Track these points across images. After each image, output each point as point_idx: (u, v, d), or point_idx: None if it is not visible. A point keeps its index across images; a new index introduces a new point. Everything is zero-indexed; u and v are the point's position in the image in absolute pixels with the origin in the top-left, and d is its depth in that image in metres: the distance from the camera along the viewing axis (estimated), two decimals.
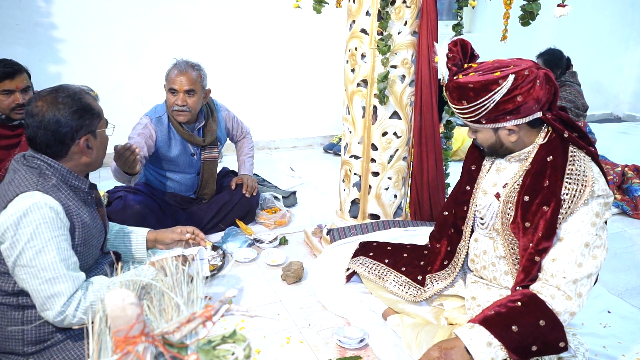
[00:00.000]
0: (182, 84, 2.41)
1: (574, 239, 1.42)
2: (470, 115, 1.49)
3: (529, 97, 1.41)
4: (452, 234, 1.81)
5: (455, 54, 1.54)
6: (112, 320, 0.70)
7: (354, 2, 2.20)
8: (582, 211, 1.42)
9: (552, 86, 1.46)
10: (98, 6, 3.67)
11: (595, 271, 1.43)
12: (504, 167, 1.62)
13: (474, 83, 1.43)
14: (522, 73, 1.39)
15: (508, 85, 1.39)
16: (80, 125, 1.49)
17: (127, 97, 3.74)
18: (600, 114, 6.25)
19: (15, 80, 2.19)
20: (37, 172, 1.45)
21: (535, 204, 1.46)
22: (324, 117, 4.78)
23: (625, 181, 3.40)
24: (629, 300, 2.21)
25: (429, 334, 1.70)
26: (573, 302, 1.40)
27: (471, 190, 1.72)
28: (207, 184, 2.73)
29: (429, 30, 2.16)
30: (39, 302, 1.38)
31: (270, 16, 4.24)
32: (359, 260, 1.99)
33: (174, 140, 2.56)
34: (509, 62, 1.46)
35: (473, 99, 1.44)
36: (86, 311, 1.42)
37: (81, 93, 1.53)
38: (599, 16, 5.72)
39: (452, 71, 1.52)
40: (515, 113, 1.44)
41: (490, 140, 1.54)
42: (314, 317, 2.01)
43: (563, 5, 1.96)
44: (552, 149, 1.48)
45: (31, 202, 1.37)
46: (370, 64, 2.20)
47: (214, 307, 0.85)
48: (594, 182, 1.42)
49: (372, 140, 2.30)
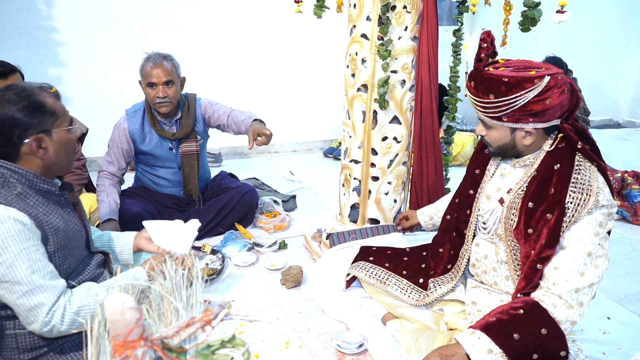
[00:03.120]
0: (159, 77, 2.45)
1: (577, 248, 1.41)
2: (494, 110, 1.44)
3: (557, 102, 1.39)
4: (454, 237, 1.80)
5: (490, 44, 1.49)
6: (110, 324, 0.70)
7: (354, 7, 2.21)
8: (585, 220, 1.41)
9: (575, 96, 1.44)
10: (99, 9, 3.69)
11: (597, 281, 1.42)
12: (508, 173, 1.61)
13: (509, 78, 1.39)
14: (556, 77, 1.37)
15: (542, 85, 1.36)
16: (29, 123, 1.37)
17: (129, 100, 3.74)
18: (600, 119, 6.26)
19: (8, 81, 2.19)
20: (0, 182, 1.37)
21: (540, 211, 1.45)
22: (323, 121, 4.78)
23: (625, 187, 3.40)
24: (629, 306, 2.20)
25: (429, 339, 1.69)
26: (574, 311, 1.40)
27: (474, 194, 1.71)
28: (189, 178, 2.73)
29: (429, 36, 2.16)
30: (22, 317, 1.34)
31: (271, 21, 4.26)
32: (359, 265, 1.99)
33: (149, 134, 2.60)
34: (539, 64, 1.44)
35: (503, 93, 1.40)
36: (74, 318, 1.37)
37: (33, 90, 1.42)
38: (599, 22, 5.74)
39: (483, 61, 1.47)
40: (539, 116, 1.41)
41: (503, 140, 1.51)
42: (313, 322, 2.01)
43: (562, 11, 1.96)
44: (559, 157, 1.47)
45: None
46: (371, 69, 2.20)
47: (213, 312, 0.85)
48: (598, 192, 1.41)
49: (372, 145, 2.30)
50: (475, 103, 1.50)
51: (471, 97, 1.51)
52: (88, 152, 3.17)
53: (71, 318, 1.37)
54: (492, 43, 1.51)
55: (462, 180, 1.84)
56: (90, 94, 3.79)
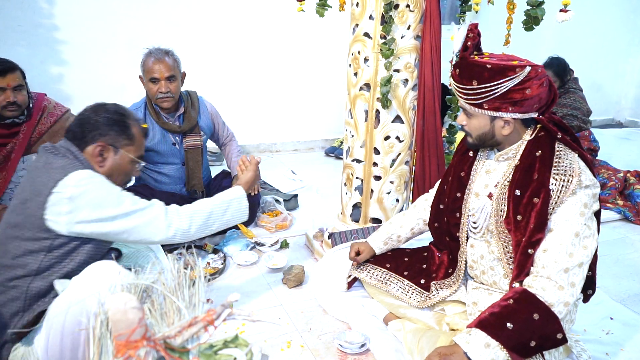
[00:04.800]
0: (162, 72, 2.47)
1: (564, 228, 1.44)
2: (476, 96, 1.50)
3: (535, 94, 1.45)
4: (449, 242, 1.81)
5: (476, 35, 1.56)
6: (113, 324, 0.69)
7: (357, 6, 2.20)
8: (570, 201, 1.45)
9: (552, 92, 1.51)
10: (100, 8, 3.68)
11: (587, 260, 1.44)
12: (493, 168, 1.64)
13: (492, 65, 1.45)
14: (537, 69, 1.44)
15: (524, 75, 1.42)
16: (105, 132, 1.57)
17: (130, 99, 3.73)
18: (602, 119, 6.25)
19: (7, 78, 2.19)
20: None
21: (526, 197, 1.49)
22: (325, 120, 4.78)
23: (628, 187, 3.39)
24: (632, 306, 2.19)
25: (431, 339, 1.69)
26: (565, 292, 1.40)
27: (462, 196, 1.72)
28: (193, 173, 2.72)
29: (432, 35, 2.16)
30: (145, 237, 1.57)
31: (273, 19, 4.25)
32: (360, 265, 1.99)
33: (152, 129, 2.59)
34: (522, 59, 1.51)
35: (487, 80, 1.46)
36: (191, 217, 1.64)
37: (128, 114, 1.64)
38: (601, 22, 5.72)
39: (469, 49, 1.54)
40: (519, 105, 1.47)
41: (483, 129, 1.56)
42: (315, 322, 2.00)
43: (565, 10, 1.96)
44: (540, 144, 1.52)
45: (88, 172, 1.49)
46: (373, 68, 2.19)
47: (216, 311, 0.85)
48: (580, 173, 1.45)
49: (375, 144, 2.29)
50: (458, 90, 1.56)
51: (455, 84, 1.57)
52: None
53: (188, 217, 1.63)
54: (479, 35, 1.57)
55: (439, 186, 1.87)
56: (90, 93, 3.77)
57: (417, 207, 2.00)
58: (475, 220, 1.67)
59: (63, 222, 1.45)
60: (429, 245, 1.97)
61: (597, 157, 3.84)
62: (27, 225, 1.45)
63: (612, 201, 3.28)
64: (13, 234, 1.47)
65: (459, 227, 1.74)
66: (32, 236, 1.45)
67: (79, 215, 1.46)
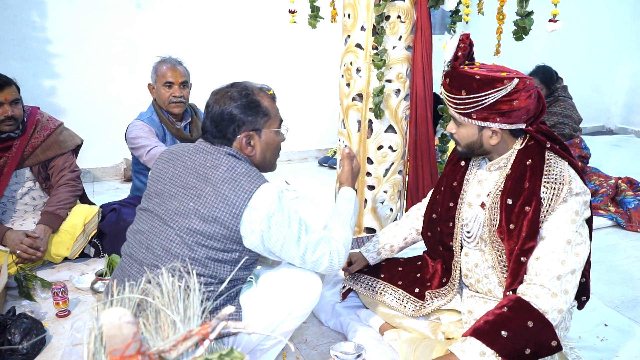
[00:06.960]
0: (177, 77, 2.52)
1: (556, 236, 1.45)
2: (464, 106, 1.51)
3: (523, 105, 1.46)
4: (442, 251, 1.82)
5: (467, 45, 1.58)
6: (108, 339, 0.69)
7: (349, 17, 2.22)
8: (561, 209, 1.46)
9: (541, 103, 1.53)
10: (93, 21, 3.68)
11: (579, 267, 1.45)
12: (485, 178, 1.66)
13: (481, 76, 1.47)
14: (525, 81, 1.46)
15: (512, 86, 1.44)
16: (243, 120, 1.50)
17: (124, 111, 3.73)
18: (592, 126, 6.30)
19: (4, 93, 2.18)
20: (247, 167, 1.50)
21: (518, 206, 1.50)
22: (318, 130, 4.79)
23: (619, 193, 3.41)
24: (625, 313, 2.20)
25: (427, 349, 1.68)
26: (559, 299, 1.41)
27: (455, 206, 1.73)
28: None
29: (423, 45, 2.18)
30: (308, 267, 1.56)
31: (266, 30, 4.27)
32: (354, 276, 1.99)
33: (167, 137, 2.60)
34: (512, 70, 1.53)
35: (475, 90, 1.47)
36: (346, 253, 1.61)
37: (253, 89, 1.55)
38: (590, 30, 5.80)
39: (459, 59, 1.55)
40: (506, 116, 1.48)
41: (471, 138, 1.57)
42: (310, 333, 2.00)
43: (555, 20, 1.99)
44: (530, 153, 1.53)
45: (274, 188, 1.46)
46: (366, 78, 2.21)
47: (211, 324, 0.84)
48: (571, 181, 1.46)
49: (368, 154, 2.30)
50: (448, 99, 1.58)
51: (445, 93, 1.58)
52: (82, 163, 3.16)
53: (345, 254, 1.60)
54: (470, 45, 1.59)
55: (431, 196, 1.87)
56: (84, 106, 3.77)
57: (410, 216, 2.01)
58: (469, 229, 1.68)
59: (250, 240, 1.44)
60: (422, 254, 1.98)
61: (588, 164, 3.86)
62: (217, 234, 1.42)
63: (604, 208, 3.30)
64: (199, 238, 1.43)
65: (452, 236, 1.75)
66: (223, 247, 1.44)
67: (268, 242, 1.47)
